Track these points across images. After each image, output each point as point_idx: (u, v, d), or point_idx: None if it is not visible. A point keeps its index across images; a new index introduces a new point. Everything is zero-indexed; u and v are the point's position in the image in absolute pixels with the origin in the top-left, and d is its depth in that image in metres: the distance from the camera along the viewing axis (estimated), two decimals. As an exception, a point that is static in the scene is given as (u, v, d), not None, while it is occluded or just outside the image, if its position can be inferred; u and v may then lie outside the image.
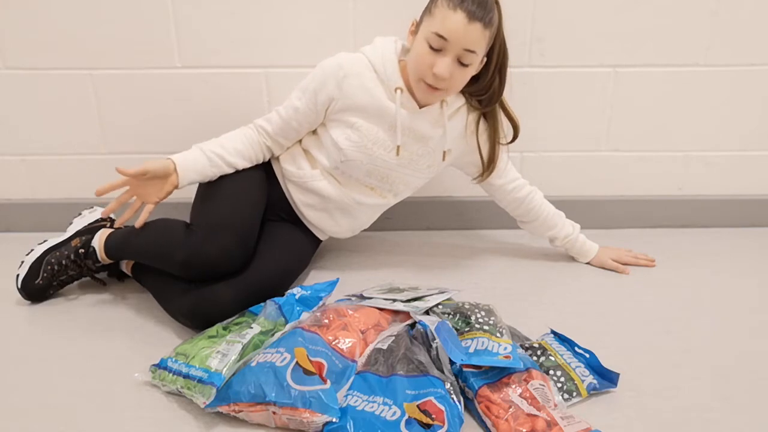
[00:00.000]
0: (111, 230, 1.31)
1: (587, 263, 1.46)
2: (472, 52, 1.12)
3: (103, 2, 1.44)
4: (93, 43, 1.47)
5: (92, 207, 1.42)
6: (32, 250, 1.26)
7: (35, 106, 1.53)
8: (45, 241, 1.28)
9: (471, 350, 0.98)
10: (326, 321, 1.04)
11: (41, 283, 1.23)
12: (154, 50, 1.48)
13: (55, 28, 1.46)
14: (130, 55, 1.48)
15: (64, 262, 1.24)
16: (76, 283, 1.32)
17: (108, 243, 1.27)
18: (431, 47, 1.12)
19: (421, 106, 1.24)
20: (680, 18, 1.49)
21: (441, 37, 1.10)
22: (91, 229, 1.32)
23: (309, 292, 1.13)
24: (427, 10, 1.15)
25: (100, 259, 1.27)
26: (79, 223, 1.34)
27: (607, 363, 1.02)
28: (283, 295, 1.14)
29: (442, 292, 1.20)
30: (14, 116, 1.54)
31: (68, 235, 1.30)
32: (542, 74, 1.53)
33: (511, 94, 1.29)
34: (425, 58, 1.13)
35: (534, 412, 0.88)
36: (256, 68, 1.50)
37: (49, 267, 1.23)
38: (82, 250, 1.25)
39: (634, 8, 1.48)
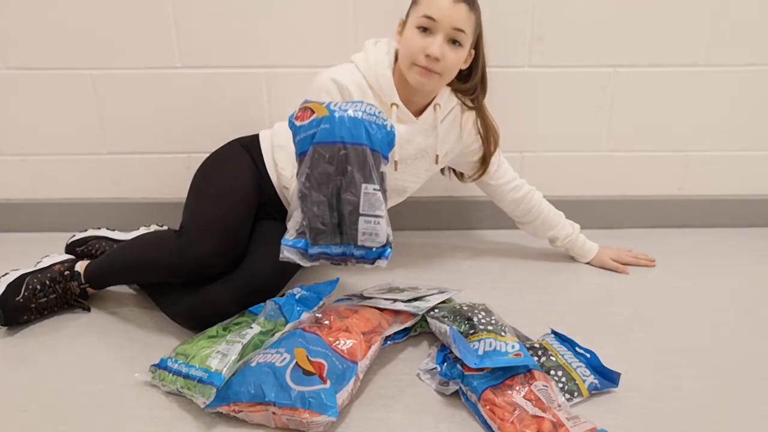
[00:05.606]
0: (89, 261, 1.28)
1: (587, 263, 1.46)
2: (462, 31, 1.15)
3: (103, 2, 1.44)
4: (93, 43, 1.47)
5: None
6: (6, 273, 1.21)
7: (35, 106, 1.53)
8: (17, 269, 1.23)
9: (480, 352, 0.98)
10: (327, 322, 1.04)
11: (21, 301, 1.18)
12: (154, 50, 1.48)
13: (55, 28, 1.46)
14: (130, 55, 1.48)
15: (47, 282, 1.20)
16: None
17: (90, 267, 1.24)
18: (421, 30, 1.15)
19: (417, 115, 1.24)
20: (680, 18, 1.49)
21: (430, 18, 1.13)
22: (70, 260, 1.28)
23: (309, 292, 1.13)
24: (413, 3, 1.19)
25: (84, 281, 1.24)
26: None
27: (607, 363, 1.02)
28: (279, 294, 1.14)
29: (442, 292, 1.20)
30: (14, 116, 1.54)
31: (43, 266, 1.25)
32: (542, 74, 1.53)
33: (511, 94, 1.29)
34: (416, 41, 1.15)
35: (539, 413, 0.88)
36: (256, 68, 1.50)
37: (30, 286, 1.19)
38: (68, 273, 1.23)
39: (634, 8, 1.47)
